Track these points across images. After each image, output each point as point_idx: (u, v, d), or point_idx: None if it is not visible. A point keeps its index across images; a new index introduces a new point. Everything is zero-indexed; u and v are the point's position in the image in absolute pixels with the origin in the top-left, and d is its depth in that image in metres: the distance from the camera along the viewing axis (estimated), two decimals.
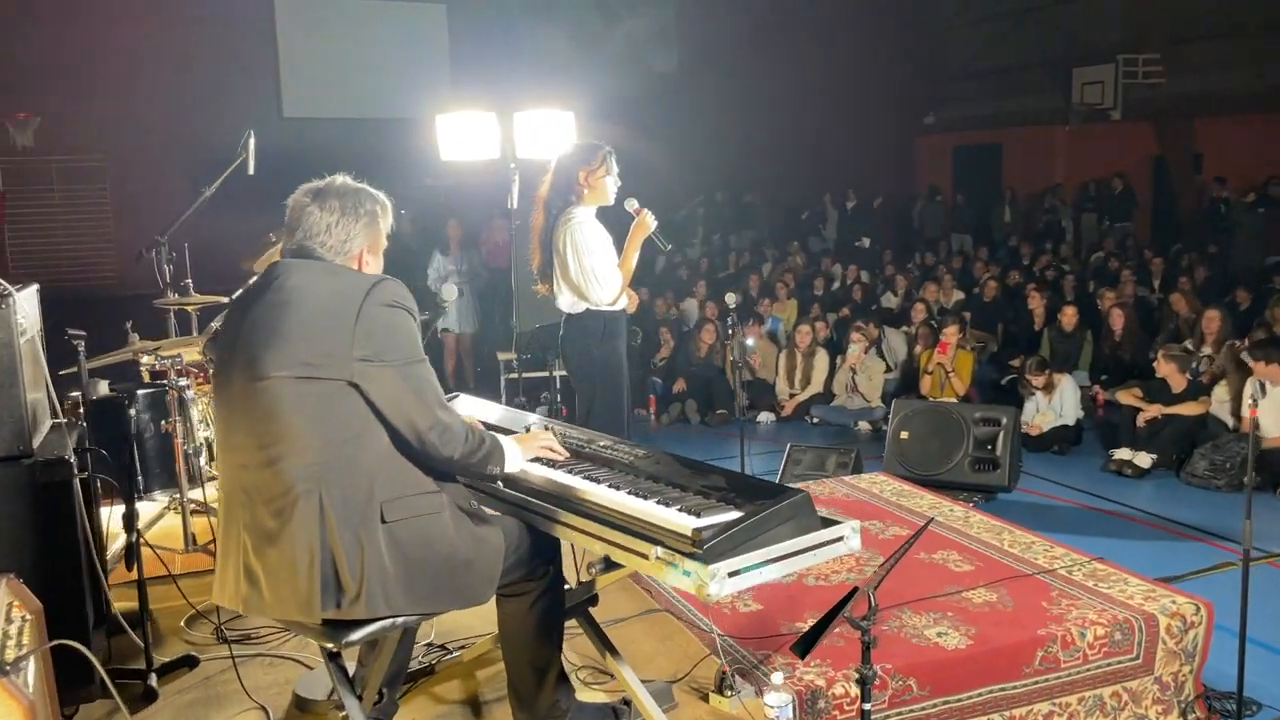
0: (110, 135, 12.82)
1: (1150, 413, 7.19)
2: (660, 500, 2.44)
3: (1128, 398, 7.45)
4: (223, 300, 4.80)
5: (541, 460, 2.76)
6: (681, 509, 2.37)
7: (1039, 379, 7.76)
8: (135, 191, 12.42)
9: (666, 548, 2.25)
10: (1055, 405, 7.73)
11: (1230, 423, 6.98)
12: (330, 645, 2.39)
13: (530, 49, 14.51)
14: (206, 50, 13.23)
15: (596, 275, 4.39)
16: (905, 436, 6.65)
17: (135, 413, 4.50)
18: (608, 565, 2.59)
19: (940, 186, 17.58)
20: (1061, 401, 7.73)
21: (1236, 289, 10.15)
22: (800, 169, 16.85)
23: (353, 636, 2.32)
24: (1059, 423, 7.67)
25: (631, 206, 4.59)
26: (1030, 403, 7.85)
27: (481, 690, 3.15)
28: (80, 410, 3.62)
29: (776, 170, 16.75)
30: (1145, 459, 7.03)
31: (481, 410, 3.23)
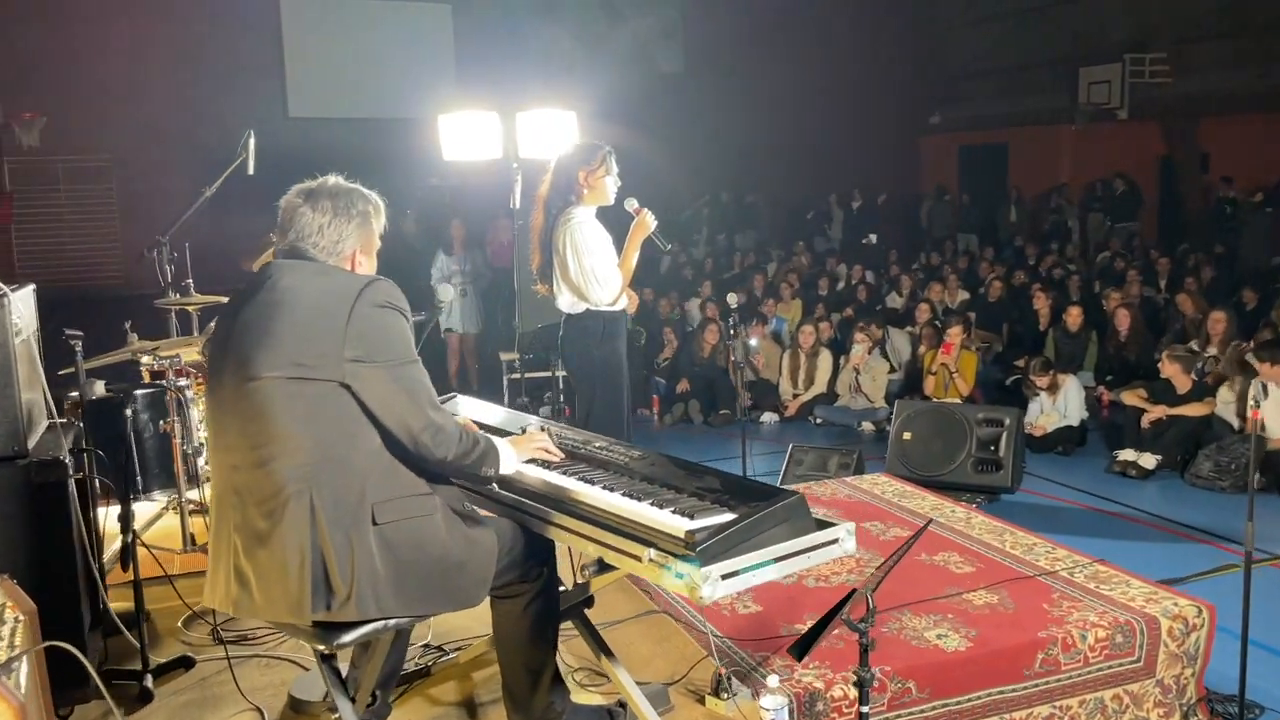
0: (116, 135, 12.85)
1: (1155, 414, 7.16)
2: (654, 502, 2.43)
3: (1132, 398, 7.42)
4: (224, 300, 4.79)
5: (537, 462, 2.75)
6: (675, 511, 2.36)
7: (1043, 379, 7.72)
8: (141, 191, 12.45)
9: (660, 550, 2.24)
10: (1060, 406, 7.70)
11: (1235, 424, 6.94)
12: (321, 647, 2.38)
13: (535, 49, 14.53)
14: (212, 50, 13.28)
15: (596, 275, 4.38)
16: (908, 437, 6.62)
17: (134, 413, 4.52)
18: (601, 567, 2.57)
19: (947, 186, 17.54)
20: (1066, 402, 7.70)
21: (1243, 289, 10.11)
22: (805, 169, 16.82)
23: (344, 638, 2.31)
24: (1063, 423, 7.64)
25: (631, 206, 4.58)
26: (1034, 403, 7.82)
27: (477, 692, 3.14)
28: (78, 410, 3.62)
29: (781, 170, 16.72)
30: (1150, 460, 7.00)
31: (482, 412, 3.22)
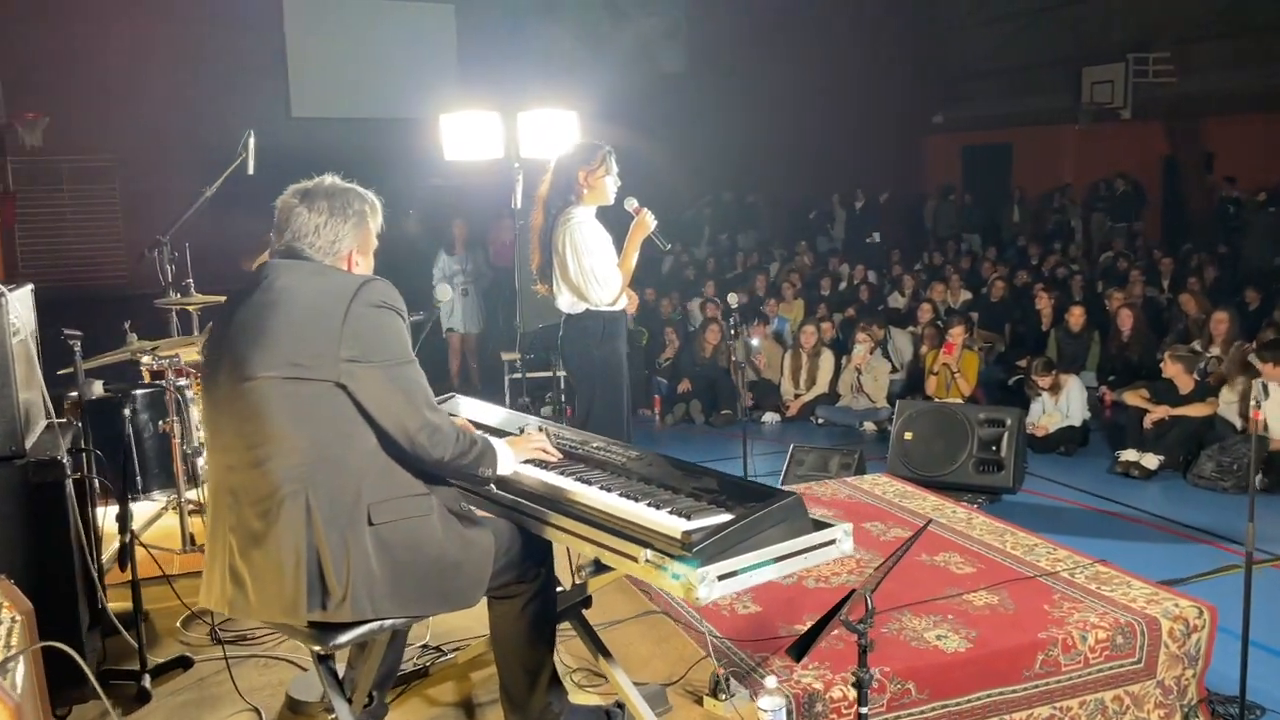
0: (119, 135, 12.85)
1: (1157, 414, 7.14)
2: (651, 502, 2.42)
3: (1135, 399, 7.40)
4: (224, 300, 4.79)
5: (534, 462, 2.75)
6: (672, 511, 2.36)
7: (1045, 380, 7.71)
8: (144, 191, 12.43)
9: (656, 550, 2.23)
10: (1062, 406, 7.69)
11: (1238, 424, 6.91)
12: (317, 648, 2.38)
13: (537, 49, 14.52)
14: (215, 50, 13.27)
15: (596, 275, 4.37)
16: (909, 437, 6.61)
17: (133, 413, 4.52)
18: (598, 568, 2.57)
19: (951, 186, 17.52)
20: (1068, 402, 7.68)
21: (1246, 289, 10.09)
22: (807, 169, 16.79)
23: (340, 639, 2.30)
24: (1065, 424, 7.63)
25: (631, 206, 4.58)
26: (1037, 403, 7.81)
27: (475, 693, 3.14)
28: (77, 410, 3.62)
29: (783, 170, 16.69)
30: (1152, 460, 6.99)
31: (480, 412, 3.22)
